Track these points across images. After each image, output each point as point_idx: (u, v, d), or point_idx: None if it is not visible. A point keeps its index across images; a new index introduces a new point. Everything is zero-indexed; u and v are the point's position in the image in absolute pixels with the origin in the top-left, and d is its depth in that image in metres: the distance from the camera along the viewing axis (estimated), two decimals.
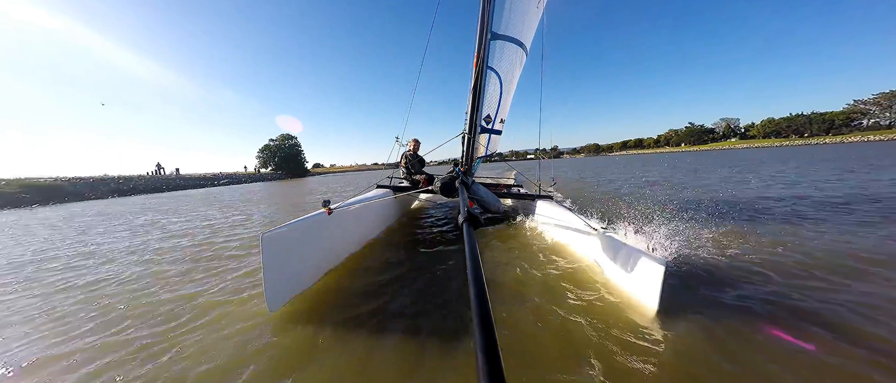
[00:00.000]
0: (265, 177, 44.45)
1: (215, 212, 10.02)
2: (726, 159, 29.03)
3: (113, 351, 2.27)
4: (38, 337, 2.54)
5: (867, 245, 3.72)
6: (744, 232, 4.41)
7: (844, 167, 13.26)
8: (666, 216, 4.56)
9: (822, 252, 3.56)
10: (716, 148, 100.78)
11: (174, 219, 9.11)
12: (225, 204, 12.86)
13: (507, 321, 2.41)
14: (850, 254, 3.45)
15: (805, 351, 2.00)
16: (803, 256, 3.45)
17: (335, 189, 18.60)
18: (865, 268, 3.12)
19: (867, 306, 2.45)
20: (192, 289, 3.31)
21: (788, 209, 5.90)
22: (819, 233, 4.29)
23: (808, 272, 3.08)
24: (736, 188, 9.07)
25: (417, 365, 1.99)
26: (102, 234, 7.17)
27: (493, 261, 3.77)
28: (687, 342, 2.09)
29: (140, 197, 20.98)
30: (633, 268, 2.57)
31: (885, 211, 5.32)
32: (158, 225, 8.09)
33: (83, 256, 5.14)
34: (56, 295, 3.48)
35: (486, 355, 0.67)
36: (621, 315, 2.40)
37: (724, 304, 2.57)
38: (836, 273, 3.03)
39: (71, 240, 6.61)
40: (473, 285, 0.93)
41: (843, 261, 3.28)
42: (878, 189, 7.41)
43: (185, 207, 12.39)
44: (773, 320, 2.31)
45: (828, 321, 2.27)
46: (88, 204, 17.32)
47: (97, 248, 5.67)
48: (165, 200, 16.91)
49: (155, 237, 6.41)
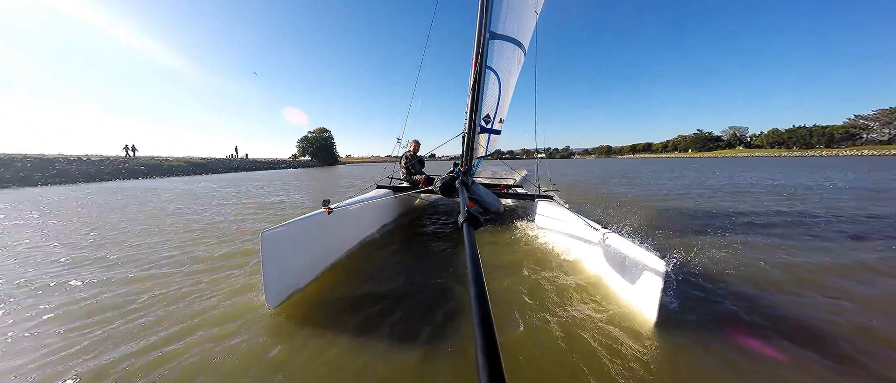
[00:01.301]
0: (304, 165, 50.50)
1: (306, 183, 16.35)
2: (726, 163, 30.32)
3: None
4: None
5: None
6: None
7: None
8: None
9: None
10: (719, 155, 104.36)
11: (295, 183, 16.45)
12: (289, 182, 17.36)
13: (505, 323, 2.41)
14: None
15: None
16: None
17: (360, 175, 23.21)
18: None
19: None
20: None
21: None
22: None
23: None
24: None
25: (417, 365, 1.99)
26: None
27: (493, 261, 3.77)
28: (687, 353, 2.09)
29: (241, 173, 28.43)
30: (633, 268, 2.56)
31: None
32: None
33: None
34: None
35: (487, 355, 0.67)
36: (620, 318, 2.40)
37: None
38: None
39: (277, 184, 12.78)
40: (473, 285, 0.93)
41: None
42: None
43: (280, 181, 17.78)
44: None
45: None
46: (227, 175, 25.17)
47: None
48: (262, 175, 24.38)
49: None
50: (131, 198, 10.51)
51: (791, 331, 2.27)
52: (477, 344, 0.71)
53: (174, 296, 2.91)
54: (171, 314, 2.60)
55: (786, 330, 2.28)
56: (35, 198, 11.01)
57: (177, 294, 2.96)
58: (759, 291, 2.92)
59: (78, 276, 3.45)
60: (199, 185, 15.54)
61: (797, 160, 45.87)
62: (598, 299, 2.70)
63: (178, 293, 2.97)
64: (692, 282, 3.07)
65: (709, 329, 2.31)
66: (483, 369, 0.64)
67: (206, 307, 2.69)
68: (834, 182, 12.27)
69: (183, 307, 2.71)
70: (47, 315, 2.63)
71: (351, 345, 2.20)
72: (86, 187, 15.08)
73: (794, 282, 3.12)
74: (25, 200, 10.32)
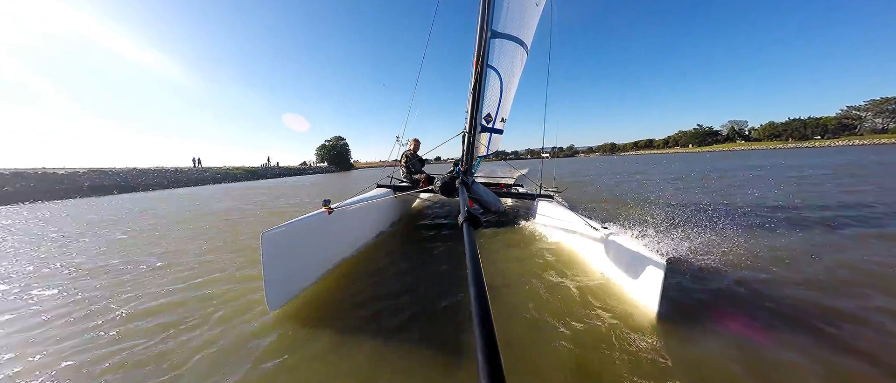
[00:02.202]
0: (323, 170, 56.00)
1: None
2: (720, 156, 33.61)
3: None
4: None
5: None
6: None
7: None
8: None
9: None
10: (717, 149, 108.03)
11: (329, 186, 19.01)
12: (324, 184, 20.59)
13: (505, 322, 2.41)
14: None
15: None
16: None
17: (375, 177, 24.98)
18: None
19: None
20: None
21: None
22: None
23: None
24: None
25: (418, 365, 1.98)
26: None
27: (493, 261, 3.77)
28: (694, 352, 2.08)
29: (283, 178, 33.16)
30: (634, 267, 2.56)
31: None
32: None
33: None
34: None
35: (487, 356, 0.67)
36: (622, 315, 2.40)
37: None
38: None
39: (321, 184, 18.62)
40: (474, 286, 0.92)
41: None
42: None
43: (316, 185, 19.72)
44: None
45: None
46: (275, 180, 29.51)
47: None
48: (300, 180, 28.89)
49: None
50: (277, 188, 17.39)
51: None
52: (477, 344, 0.70)
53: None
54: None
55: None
56: (166, 197, 14.61)
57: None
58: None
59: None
60: (274, 185, 20.64)
61: (790, 151, 48.65)
62: (599, 296, 2.69)
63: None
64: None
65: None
66: (483, 369, 0.64)
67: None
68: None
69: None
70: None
71: (351, 346, 2.19)
72: (188, 190, 19.17)
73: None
74: (163, 198, 14.05)
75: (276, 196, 13.30)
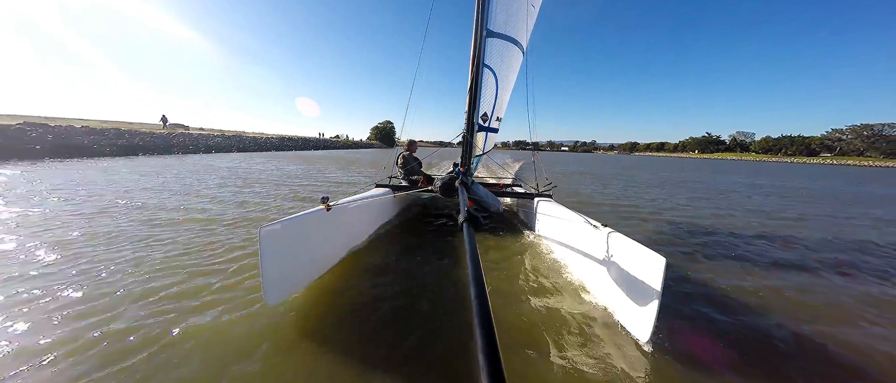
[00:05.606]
0: (373, 146, 73.70)
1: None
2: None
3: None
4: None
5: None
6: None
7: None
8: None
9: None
10: (716, 157, 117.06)
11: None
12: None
13: (505, 322, 2.42)
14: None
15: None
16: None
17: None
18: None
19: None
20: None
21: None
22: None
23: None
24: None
25: (417, 365, 1.99)
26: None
27: (494, 261, 3.77)
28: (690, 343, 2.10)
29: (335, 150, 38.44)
30: (635, 264, 2.57)
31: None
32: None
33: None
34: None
35: (487, 356, 0.67)
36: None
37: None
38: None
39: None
40: (474, 286, 0.93)
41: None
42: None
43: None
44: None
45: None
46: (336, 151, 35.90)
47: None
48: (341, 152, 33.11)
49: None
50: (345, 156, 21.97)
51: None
52: (477, 344, 0.71)
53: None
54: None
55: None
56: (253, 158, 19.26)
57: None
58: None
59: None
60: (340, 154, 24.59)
61: (767, 165, 51.67)
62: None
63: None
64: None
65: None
66: (483, 369, 0.64)
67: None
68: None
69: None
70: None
71: (350, 345, 2.19)
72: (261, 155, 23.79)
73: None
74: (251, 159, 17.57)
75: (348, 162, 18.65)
